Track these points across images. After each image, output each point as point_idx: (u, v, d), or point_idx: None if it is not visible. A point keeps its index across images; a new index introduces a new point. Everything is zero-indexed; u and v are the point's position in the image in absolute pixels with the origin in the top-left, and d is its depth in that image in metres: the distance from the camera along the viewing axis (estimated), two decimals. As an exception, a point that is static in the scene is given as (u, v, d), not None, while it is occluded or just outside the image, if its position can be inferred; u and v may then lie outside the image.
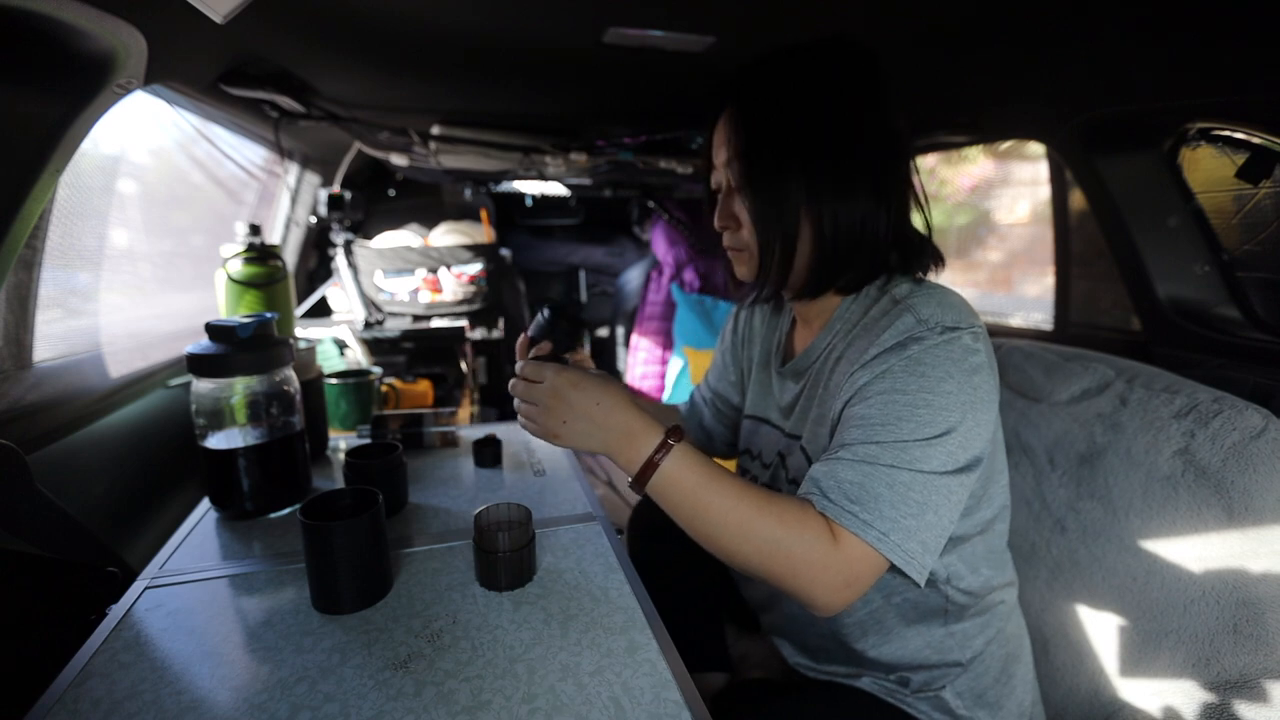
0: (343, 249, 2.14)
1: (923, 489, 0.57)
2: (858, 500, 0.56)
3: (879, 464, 0.57)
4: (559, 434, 0.63)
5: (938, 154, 1.72)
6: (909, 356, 0.59)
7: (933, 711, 0.72)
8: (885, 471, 0.57)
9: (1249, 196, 0.91)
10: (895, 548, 0.56)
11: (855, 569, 0.56)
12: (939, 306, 0.62)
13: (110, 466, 0.97)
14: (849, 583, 0.56)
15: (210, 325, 0.79)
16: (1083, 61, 0.95)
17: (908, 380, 0.59)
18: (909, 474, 0.57)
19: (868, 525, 0.56)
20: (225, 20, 0.73)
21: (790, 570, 0.56)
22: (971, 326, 0.61)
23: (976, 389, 0.59)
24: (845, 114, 0.64)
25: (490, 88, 1.34)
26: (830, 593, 0.56)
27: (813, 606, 0.57)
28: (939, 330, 0.60)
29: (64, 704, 0.51)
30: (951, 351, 0.59)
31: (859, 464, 0.58)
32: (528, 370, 0.66)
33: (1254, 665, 0.66)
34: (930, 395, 0.58)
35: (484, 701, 0.51)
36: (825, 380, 0.69)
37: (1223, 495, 0.71)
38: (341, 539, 0.61)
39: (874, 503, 0.56)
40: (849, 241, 0.65)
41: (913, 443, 0.57)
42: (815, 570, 0.56)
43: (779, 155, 0.64)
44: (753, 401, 0.85)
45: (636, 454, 0.61)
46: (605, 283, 3.55)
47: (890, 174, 0.65)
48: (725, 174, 0.70)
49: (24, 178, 0.69)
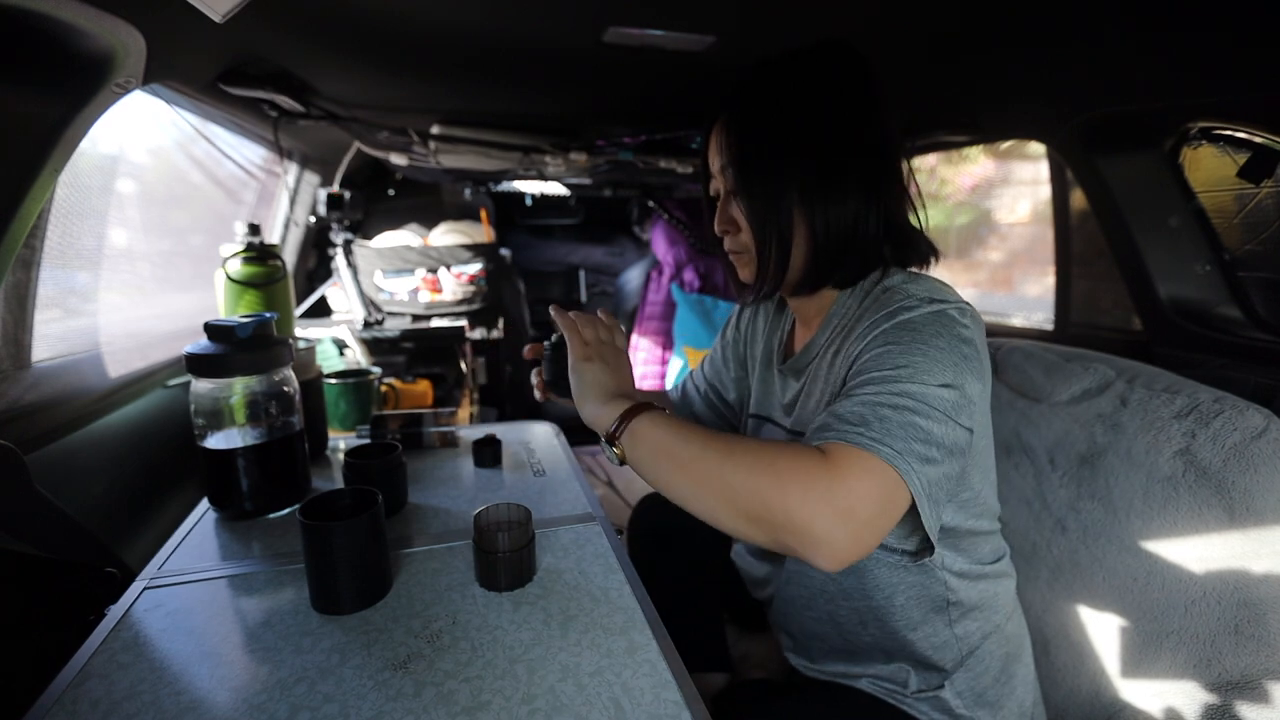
0: (342, 249, 2.14)
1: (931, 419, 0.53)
2: (862, 422, 0.52)
3: (882, 394, 0.54)
4: (590, 360, 0.69)
5: (938, 154, 1.72)
6: (900, 321, 0.60)
7: (933, 712, 0.72)
8: (889, 398, 0.53)
9: (1250, 196, 0.90)
10: (910, 471, 0.50)
11: (855, 489, 0.49)
12: (927, 289, 0.63)
13: (109, 466, 0.97)
14: (850, 509, 0.48)
15: (209, 325, 0.79)
16: (1083, 61, 0.95)
17: (899, 334, 0.58)
18: (914, 402, 0.53)
19: (876, 442, 0.50)
20: (224, 20, 0.73)
21: (780, 493, 0.49)
22: (958, 302, 0.62)
23: (967, 358, 0.58)
24: (835, 117, 0.66)
25: (490, 88, 1.34)
26: (830, 522, 0.48)
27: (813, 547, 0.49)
28: (927, 301, 0.61)
29: (63, 704, 0.50)
30: (940, 319, 0.59)
31: (858, 399, 0.54)
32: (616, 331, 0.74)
33: (1255, 666, 0.66)
34: (924, 347, 0.57)
35: (484, 702, 0.51)
36: (824, 374, 0.70)
37: (1224, 496, 0.70)
38: (341, 539, 0.61)
39: (880, 423, 0.52)
40: (841, 239, 0.67)
41: (913, 385, 0.54)
42: (807, 489, 0.49)
43: (772, 159, 0.66)
44: (757, 401, 0.86)
45: (609, 413, 0.63)
46: (605, 283, 3.55)
47: (882, 174, 0.67)
48: (721, 180, 0.72)
49: (23, 177, 0.69)
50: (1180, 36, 0.80)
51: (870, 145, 0.66)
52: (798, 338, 0.80)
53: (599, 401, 0.65)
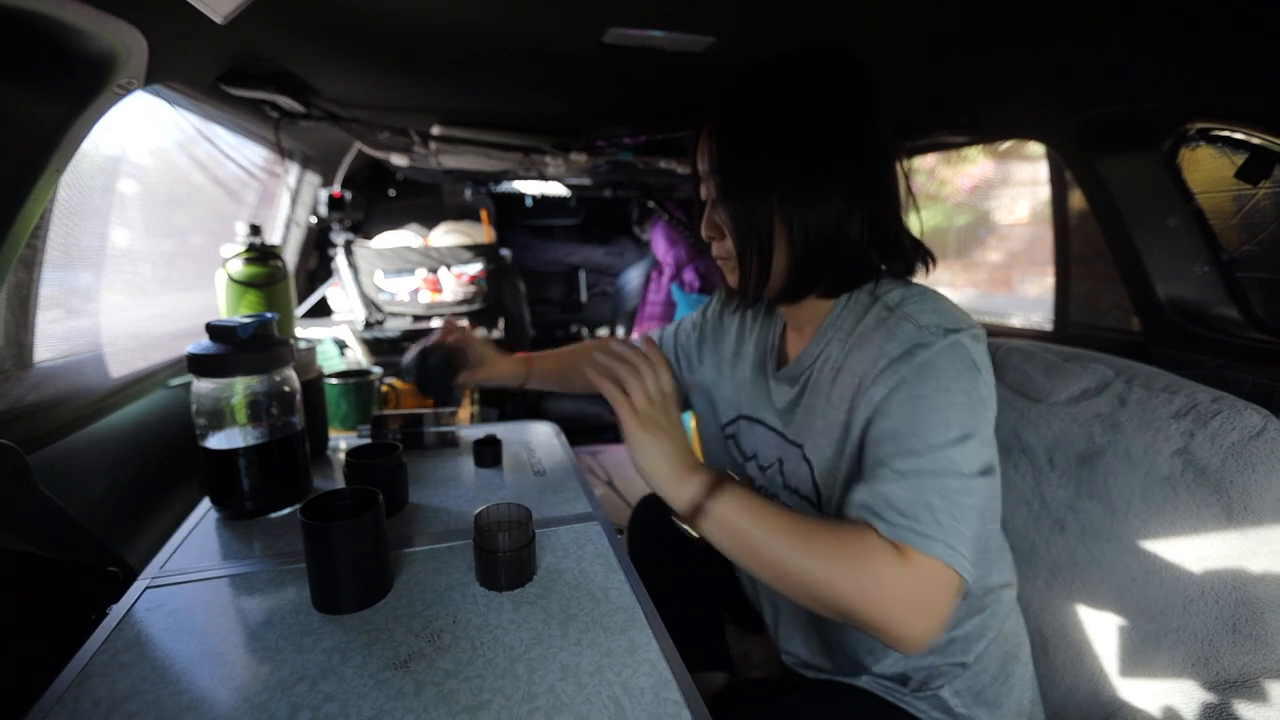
0: (343, 249, 2.14)
1: (969, 493, 0.57)
2: (912, 515, 0.56)
3: (924, 473, 0.57)
4: (646, 429, 0.65)
5: (938, 154, 1.72)
6: (920, 363, 0.60)
7: (932, 710, 0.72)
8: (932, 480, 0.56)
9: (1248, 197, 0.91)
10: (963, 560, 0.55)
11: (927, 588, 0.55)
12: (935, 312, 0.63)
13: (111, 466, 0.97)
14: (925, 604, 0.55)
15: (211, 325, 0.79)
16: (1082, 62, 0.95)
17: (923, 384, 0.59)
18: (955, 480, 0.57)
19: (930, 539, 0.55)
20: (225, 20, 0.73)
21: (861, 599, 0.55)
22: (970, 328, 0.63)
23: (980, 388, 0.61)
24: (817, 124, 0.64)
25: (491, 88, 1.34)
26: (907, 619, 0.54)
27: (894, 638, 0.55)
28: (941, 334, 0.61)
29: (64, 704, 0.51)
30: (958, 353, 0.60)
31: (903, 478, 0.57)
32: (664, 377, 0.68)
33: (1253, 665, 0.66)
34: (948, 395, 0.59)
35: (484, 701, 0.51)
36: (826, 391, 0.69)
37: (1222, 495, 0.71)
38: (341, 539, 0.61)
39: (929, 514, 0.55)
40: (823, 246, 0.66)
41: (945, 445, 0.57)
42: (886, 595, 0.54)
43: (753, 167, 0.66)
44: (747, 402, 0.84)
45: (688, 489, 0.62)
46: (605, 283, 3.55)
47: (869, 180, 0.65)
48: (707, 186, 0.72)
49: (25, 177, 0.69)
50: (1179, 37, 0.80)
51: (856, 151, 0.65)
52: (790, 343, 0.80)
53: (669, 478, 0.63)
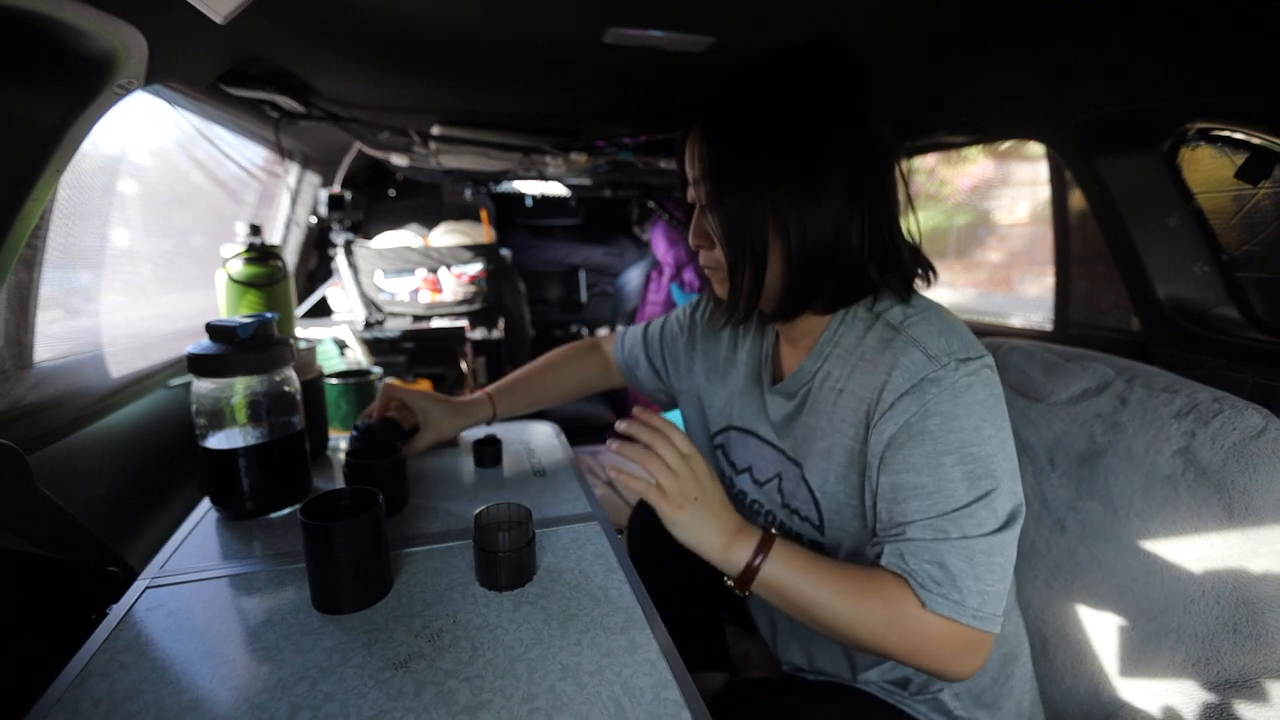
0: (343, 249, 2.14)
1: (1000, 550, 0.58)
2: (948, 584, 0.57)
3: (952, 539, 0.57)
4: (682, 508, 0.63)
5: (938, 154, 1.72)
6: (929, 404, 0.59)
7: (931, 713, 0.72)
8: (962, 546, 0.57)
9: (1248, 197, 0.91)
10: (995, 621, 0.58)
11: (967, 643, 0.58)
12: (942, 336, 0.61)
13: (111, 466, 0.97)
14: (962, 657, 0.59)
15: (211, 325, 0.79)
16: (1083, 61, 0.95)
17: (949, 438, 0.58)
18: (984, 540, 0.57)
19: (963, 607, 0.57)
20: (225, 20, 0.73)
21: (905, 653, 0.59)
22: (981, 355, 0.61)
23: (999, 423, 0.61)
24: (812, 124, 0.61)
25: (490, 88, 1.34)
26: (948, 668, 0.59)
27: (942, 677, 0.61)
28: (953, 366, 0.59)
29: (64, 704, 0.51)
30: (976, 392, 0.59)
31: (934, 545, 0.58)
32: (678, 439, 0.64)
33: (1254, 665, 0.66)
34: (974, 448, 0.58)
35: (484, 701, 0.51)
36: (828, 411, 0.68)
37: (1223, 495, 0.71)
38: (341, 539, 0.61)
39: (963, 581, 0.57)
40: (821, 256, 0.63)
41: (972, 505, 0.58)
42: (929, 651, 0.58)
43: (744, 170, 0.62)
44: (739, 413, 0.82)
45: (736, 557, 0.62)
46: (605, 283, 3.55)
47: (866, 184, 0.62)
48: (695, 192, 0.68)
49: (25, 177, 0.69)
50: (1179, 37, 0.80)
51: (857, 152, 0.61)
52: (784, 355, 0.78)
53: (716, 549, 0.63)
